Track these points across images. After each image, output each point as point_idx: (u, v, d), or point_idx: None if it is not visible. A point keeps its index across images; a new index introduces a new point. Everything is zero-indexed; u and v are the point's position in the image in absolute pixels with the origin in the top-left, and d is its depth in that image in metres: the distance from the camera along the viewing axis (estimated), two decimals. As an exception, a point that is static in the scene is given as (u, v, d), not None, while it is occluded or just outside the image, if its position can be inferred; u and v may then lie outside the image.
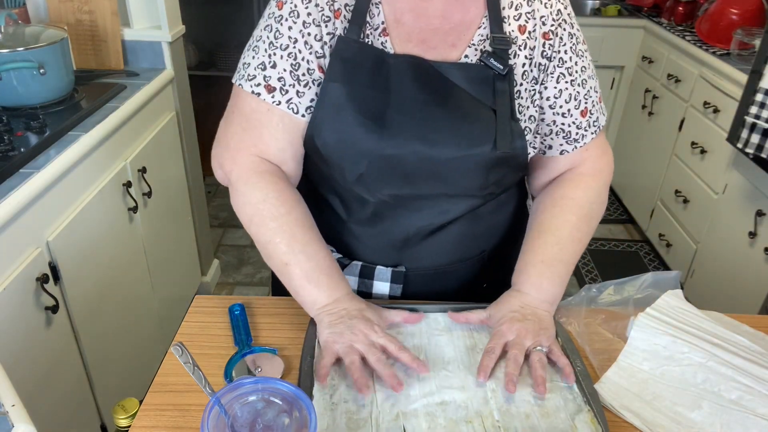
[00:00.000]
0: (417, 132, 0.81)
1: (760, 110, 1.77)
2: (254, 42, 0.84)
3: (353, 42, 0.81)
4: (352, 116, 0.80)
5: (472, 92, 0.82)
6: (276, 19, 0.82)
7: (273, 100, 0.82)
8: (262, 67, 0.82)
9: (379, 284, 0.93)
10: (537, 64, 0.85)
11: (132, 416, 0.72)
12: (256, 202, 0.83)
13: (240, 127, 0.85)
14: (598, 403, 0.74)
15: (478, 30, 0.84)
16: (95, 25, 1.85)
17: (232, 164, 0.86)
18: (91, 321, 1.49)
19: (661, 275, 0.94)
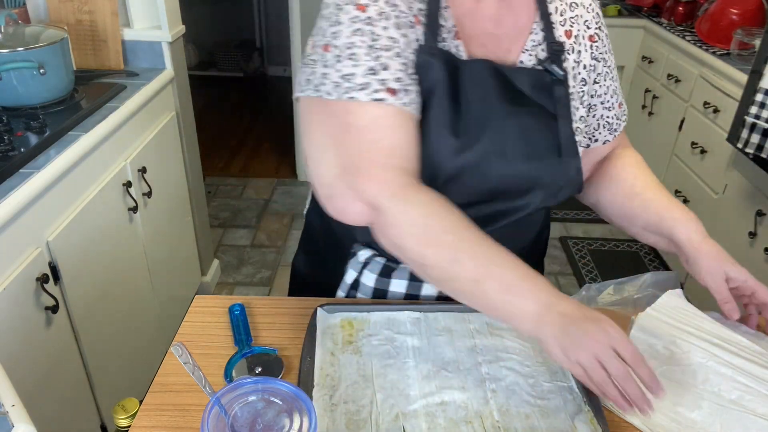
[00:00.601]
0: (488, 142, 0.80)
1: (760, 110, 1.77)
2: (345, 51, 0.75)
3: (433, 48, 0.79)
4: (433, 127, 0.79)
5: (536, 98, 0.83)
6: (365, 22, 0.75)
7: (401, 102, 0.75)
8: (373, 72, 0.75)
9: (427, 287, 0.92)
10: (584, 66, 0.89)
11: (132, 416, 0.72)
12: (422, 219, 0.73)
13: (367, 142, 0.75)
14: (598, 403, 0.74)
15: (530, 36, 0.85)
16: (95, 25, 1.85)
17: (376, 186, 0.74)
18: (91, 321, 1.49)
19: (661, 275, 0.94)
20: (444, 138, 0.78)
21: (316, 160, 0.79)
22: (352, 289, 0.93)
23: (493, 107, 0.80)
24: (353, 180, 0.75)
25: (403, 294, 0.91)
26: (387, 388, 0.75)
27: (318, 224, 1.00)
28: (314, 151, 0.79)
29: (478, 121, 0.79)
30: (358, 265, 0.91)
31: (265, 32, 5.19)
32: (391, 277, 0.90)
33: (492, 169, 0.80)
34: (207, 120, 4.24)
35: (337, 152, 0.76)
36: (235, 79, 5.13)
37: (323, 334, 0.84)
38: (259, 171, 3.61)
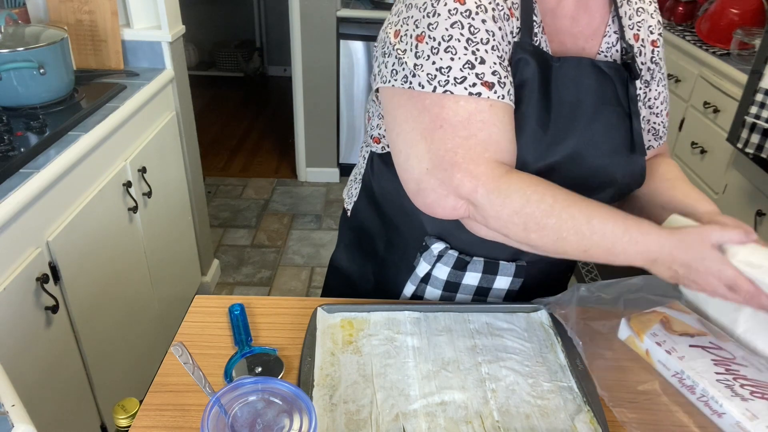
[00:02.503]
0: (577, 138, 0.81)
1: (760, 110, 1.77)
2: (442, 43, 0.75)
3: (530, 46, 0.80)
4: (524, 121, 0.79)
5: (621, 95, 0.85)
6: (464, 15, 0.75)
7: (497, 95, 0.75)
8: (470, 66, 0.74)
9: (501, 279, 0.92)
10: (648, 68, 0.91)
11: (132, 416, 0.72)
12: (522, 209, 0.73)
13: (460, 137, 0.74)
14: (598, 403, 0.74)
15: (605, 38, 0.87)
16: (95, 25, 1.85)
17: (473, 180, 0.73)
18: (91, 321, 1.49)
19: (652, 279, 0.94)
20: (533, 133, 0.79)
21: (404, 154, 0.78)
22: (422, 282, 0.93)
23: (583, 104, 0.81)
24: (447, 176, 0.74)
25: (475, 287, 0.92)
26: (387, 388, 0.75)
27: (373, 221, 0.99)
28: (402, 145, 0.78)
29: (567, 117, 0.80)
30: (431, 258, 0.90)
31: (265, 32, 5.19)
32: (465, 269, 0.90)
33: (577, 164, 0.81)
34: (207, 120, 4.24)
35: (429, 147, 0.75)
36: (235, 79, 5.13)
37: (323, 334, 0.84)
38: (259, 171, 3.62)
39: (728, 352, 0.81)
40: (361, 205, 1.01)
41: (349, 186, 1.05)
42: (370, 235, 1.01)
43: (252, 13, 5.11)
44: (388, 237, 0.98)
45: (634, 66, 0.86)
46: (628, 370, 0.82)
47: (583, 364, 0.80)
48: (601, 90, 0.83)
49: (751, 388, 0.75)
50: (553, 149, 0.80)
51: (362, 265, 1.04)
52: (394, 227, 0.96)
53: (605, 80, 0.83)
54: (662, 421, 0.74)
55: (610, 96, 0.83)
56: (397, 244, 0.96)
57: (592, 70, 0.83)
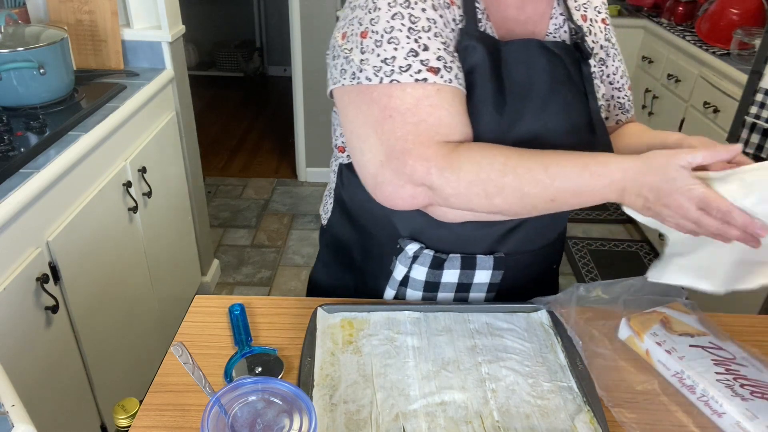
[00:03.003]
0: (532, 119, 0.81)
1: (760, 110, 1.77)
2: (384, 35, 0.75)
3: (475, 31, 0.80)
4: (478, 105, 0.79)
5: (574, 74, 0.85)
6: (403, 6, 0.76)
7: (443, 80, 0.75)
8: (414, 54, 0.75)
9: (481, 273, 0.91)
10: (601, 46, 0.94)
11: (132, 416, 0.72)
12: (476, 175, 0.73)
13: (410, 124, 0.74)
14: (598, 404, 0.74)
15: (551, 20, 0.89)
16: (95, 25, 1.85)
17: (425, 163, 0.73)
18: (91, 321, 1.49)
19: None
20: (488, 116, 0.79)
21: (358, 150, 0.79)
22: (401, 286, 0.93)
23: (537, 85, 0.81)
24: (400, 164, 0.74)
25: (455, 284, 0.91)
26: (387, 388, 0.75)
27: (346, 231, 0.99)
28: (357, 142, 0.79)
29: (521, 99, 0.81)
30: (407, 260, 0.90)
31: (265, 32, 5.19)
32: (442, 268, 0.90)
33: (536, 145, 0.80)
34: (207, 120, 4.24)
35: (381, 138, 0.75)
36: (235, 79, 5.13)
37: (323, 334, 0.84)
38: (259, 171, 3.61)
39: (728, 352, 0.81)
40: (335, 219, 1.01)
41: (324, 201, 1.05)
42: (346, 248, 1.00)
43: (252, 13, 5.11)
44: (364, 246, 0.97)
45: (583, 45, 0.87)
46: (627, 370, 0.82)
47: (583, 364, 0.80)
48: (553, 70, 0.83)
49: (751, 388, 0.75)
50: (510, 131, 0.80)
51: (341, 278, 1.03)
52: (368, 235, 0.95)
53: (556, 60, 0.84)
54: (662, 421, 0.74)
55: (563, 76, 0.84)
56: (372, 251, 0.96)
57: (540, 51, 0.83)
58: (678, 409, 0.77)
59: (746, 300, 1.94)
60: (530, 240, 0.93)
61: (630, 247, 2.87)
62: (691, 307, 0.90)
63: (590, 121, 0.86)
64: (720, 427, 0.74)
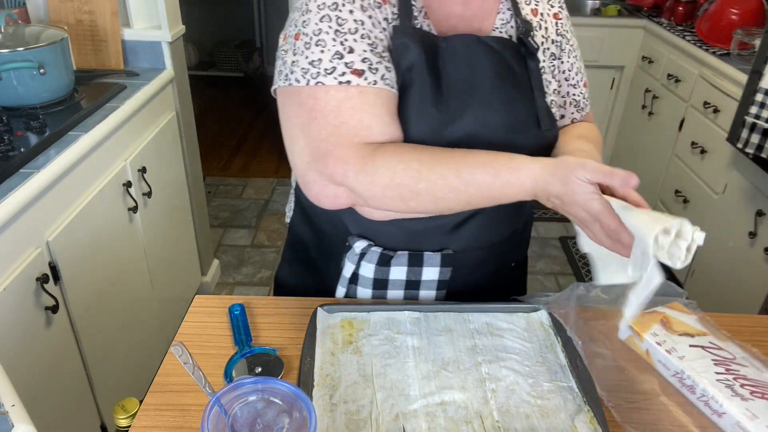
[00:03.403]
0: (473, 115, 0.81)
1: (760, 110, 1.77)
2: (313, 38, 0.77)
3: (409, 28, 0.81)
4: (414, 103, 0.80)
5: (517, 69, 0.85)
6: (331, 8, 0.78)
7: (367, 82, 0.76)
8: (339, 56, 0.76)
9: (428, 270, 0.91)
10: (553, 41, 0.93)
11: (132, 416, 0.72)
12: (390, 180, 0.75)
13: (331, 125, 0.77)
14: (598, 404, 0.74)
15: (498, 15, 0.89)
16: (95, 25, 1.85)
17: (343, 165, 0.76)
18: (91, 321, 1.49)
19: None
20: (427, 113, 0.79)
21: (290, 150, 0.82)
22: (351, 284, 0.93)
23: (478, 80, 0.82)
24: (322, 165, 0.77)
25: (403, 281, 0.91)
26: (387, 388, 0.75)
27: (305, 230, 1.00)
28: (288, 142, 0.82)
29: (461, 94, 0.81)
30: (355, 257, 0.90)
31: (265, 32, 5.19)
32: (390, 265, 0.90)
33: (477, 141, 0.81)
34: (207, 120, 4.24)
35: (307, 140, 0.78)
36: (235, 79, 5.13)
37: (323, 334, 0.84)
38: (259, 171, 3.61)
39: (728, 352, 0.81)
40: (296, 218, 1.02)
41: (289, 200, 1.06)
42: (306, 247, 1.01)
43: (252, 13, 5.11)
44: (320, 245, 0.98)
45: (528, 40, 0.87)
46: (627, 370, 0.82)
47: (583, 364, 0.80)
48: (494, 66, 0.83)
49: (751, 388, 0.75)
50: (450, 127, 0.80)
51: (303, 278, 1.03)
52: (323, 234, 0.96)
53: (496, 56, 0.83)
54: (662, 421, 0.74)
55: (504, 71, 0.84)
56: (328, 250, 0.97)
57: (479, 46, 0.83)
58: (678, 409, 0.77)
59: (746, 300, 1.94)
60: (479, 237, 0.92)
61: (630, 247, 2.86)
62: (691, 307, 0.90)
63: (536, 117, 0.86)
64: (720, 427, 0.74)
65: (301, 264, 1.04)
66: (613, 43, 3.01)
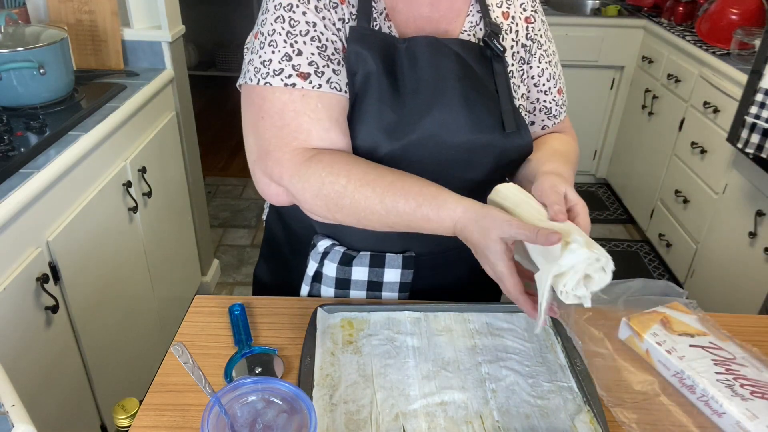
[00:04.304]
0: (433, 116, 0.81)
1: (760, 110, 1.77)
2: (267, 38, 0.79)
3: (365, 30, 0.81)
4: (370, 106, 0.80)
5: (479, 71, 0.84)
6: (286, 9, 0.78)
7: (311, 85, 0.77)
8: (288, 58, 0.78)
9: (390, 272, 0.92)
10: (522, 45, 0.92)
11: (132, 416, 0.72)
12: (318, 190, 0.76)
13: (275, 127, 0.79)
14: (598, 404, 0.74)
15: (467, 17, 0.88)
16: (95, 25, 1.85)
17: (279, 167, 0.78)
18: (91, 321, 1.49)
19: (651, 282, 0.94)
20: (384, 116, 0.80)
21: (245, 146, 0.85)
22: (315, 282, 0.93)
23: (437, 81, 0.81)
24: (264, 164, 0.80)
25: (365, 281, 0.92)
26: (387, 388, 0.75)
27: (278, 227, 1.01)
28: (244, 139, 0.85)
29: (420, 96, 0.81)
30: (318, 256, 0.91)
31: (265, 32, 5.18)
32: (351, 265, 0.90)
33: (436, 142, 0.81)
34: (207, 120, 4.24)
35: (255, 139, 0.81)
36: (235, 79, 5.11)
37: (323, 334, 0.84)
38: (259, 171, 3.61)
39: (728, 352, 0.81)
40: (271, 216, 1.02)
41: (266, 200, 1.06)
42: (279, 244, 1.02)
43: (252, 13, 5.10)
44: (290, 243, 0.99)
45: (492, 43, 0.86)
46: (627, 370, 0.82)
47: (583, 364, 0.80)
48: (455, 68, 0.83)
49: (751, 388, 0.75)
50: (409, 128, 0.80)
51: (278, 275, 1.04)
52: (293, 232, 0.97)
53: (456, 58, 0.83)
54: (662, 421, 0.74)
55: (466, 74, 0.83)
56: (298, 248, 0.97)
57: (440, 48, 0.82)
58: (678, 409, 0.77)
59: (746, 300, 1.94)
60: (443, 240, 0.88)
61: (630, 247, 2.86)
62: (691, 307, 0.90)
63: (501, 119, 0.85)
64: (720, 427, 0.74)
65: (276, 261, 1.04)
66: (613, 43, 3.01)
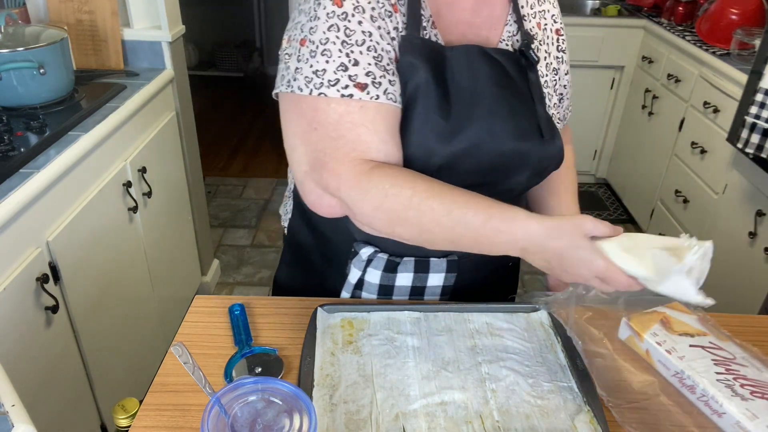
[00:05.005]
0: (479, 124, 0.81)
1: (760, 110, 1.77)
2: (319, 46, 0.76)
3: (417, 39, 0.80)
4: (422, 116, 0.79)
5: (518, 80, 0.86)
6: (340, 18, 0.76)
7: (369, 96, 0.76)
8: (343, 68, 0.76)
9: (434, 276, 0.92)
10: (555, 57, 0.94)
11: (132, 416, 0.72)
12: (380, 203, 0.75)
13: (329, 138, 0.76)
14: (598, 404, 0.74)
15: (506, 26, 0.89)
16: (95, 25, 1.85)
17: (336, 179, 0.76)
18: (91, 321, 1.49)
19: None
20: (434, 123, 0.79)
21: (290, 156, 0.82)
22: (356, 289, 0.93)
23: (482, 90, 0.82)
24: (318, 176, 0.78)
25: (409, 287, 0.92)
26: (387, 388, 0.75)
27: (305, 234, 0.99)
28: (289, 149, 0.82)
29: (468, 104, 0.81)
30: (361, 264, 0.90)
31: (265, 32, 5.19)
32: (396, 271, 0.90)
33: (484, 150, 0.81)
34: (207, 120, 4.24)
35: (306, 150, 0.79)
36: (235, 79, 5.13)
37: (323, 334, 0.84)
38: (259, 171, 3.62)
39: (728, 352, 0.81)
40: (295, 222, 1.01)
41: (285, 203, 1.05)
42: (307, 251, 1.01)
43: (252, 13, 5.11)
44: (322, 250, 0.98)
45: (529, 53, 0.87)
46: (628, 371, 0.82)
47: (583, 364, 0.80)
48: (497, 77, 0.83)
49: (751, 387, 0.75)
50: (457, 136, 0.80)
51: (304, 282, 1.03)
52: (326, 239, 0.96)
53: (498, 66, 0.84)
54: (662, 421, 0.74)
55: (507, 82, 0.84)
56: (331, 256, 0.96)
57: (482, 56, 0.83)
58: (678, 409, 0.77)
59: (746, 300, 1.94)
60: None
61: (630, 247, 2.86)
62: (694, 308, 0.90)
63: (539, 127, 0.86)
64: (720, 427, 0.74)
65: (301, 267, 1.04)
66: (613, 43, 3.01)
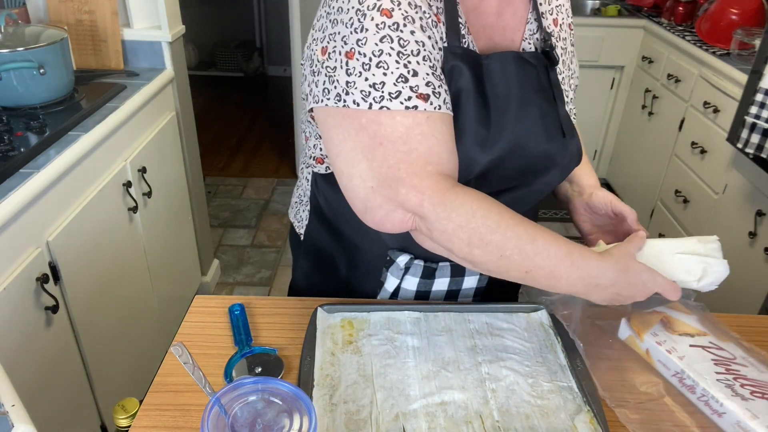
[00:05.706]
0: (514, 129, 0.82)
1: (760, 110, 1.77)
2: (373, 58, 0.73)
3: (458, 48, 0.80)
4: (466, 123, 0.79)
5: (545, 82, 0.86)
6: (392, 28, 0.74)
7: (433, 106, 0.74)
8: (404, 80, 0.73)
9: (469, 279, 0.93)
10: (569, 51, 0.94)
11: (132, 416, 0.72)
12: (467, 223, 0.73)
13: (401, 152, 0.73)
14: (598, 404, 0.74)
15: (527, 25, 0.89)
16: (95, 25, 1.85)
17: (419, 194, 0.73)
18: (91, 321, 1.49)
19: None
20: (477, 132, 0.79)
21: (347, 174, 0.77)
22: (392, 297, 0.93)
23: (516, 96, 0.82)
24: (392, 192, 0.74)
25: (445, 291, 0.93)
26: (387, 388, 0.75)
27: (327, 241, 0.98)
28: (344, 166, 0.77)
29: (503, 111, 0.81)
30: (399, 272, 0.90)
31: (265, 32, 5.19)
32: (434, 277, 0.91)
33: (520, 154, 0.82)
34: (207, 120, 4.24)
35: (371, 165, 0.74)
36: (235, 79, 5.13)
37: (323, 334, 0.84)
38: (259, 171, 3.62)
39: (728, 352, 0.81)
40: (313, 228, 0.99)
41: (296, 208, 1.03)
42: (328, 257, 0.99)
43: (252, 13, 5.11)
44: (349, 257, 0.96)
45: (552, 53, 0.87)
46: (629, 371, 0.82)
47: (584, 364, 0.80)
48: (528, 80, 0.84)
49: (751, 387, 0.75)
50: (496, 143, 0.81)
51: (324, 288, 1.02)
52: (353, 246, 0.94)
53: (530, 70, 0.84)
54: (662, 421, 0.74)
55: (536, 85, 0.85)
56: (358, 262, 0.95)
57: (516, 62, 0.83)
58: (678, 409, 0.77)
59: (746, 300, 1.94)
60: None
61: (630, 247, 2.86)
62: (696, 308, 0.90)
63: (561, 126, 0.86)
64: (720, 427, 0.74)
65: (321, 273, 1.02)
66: (613, 43, 3.01)
